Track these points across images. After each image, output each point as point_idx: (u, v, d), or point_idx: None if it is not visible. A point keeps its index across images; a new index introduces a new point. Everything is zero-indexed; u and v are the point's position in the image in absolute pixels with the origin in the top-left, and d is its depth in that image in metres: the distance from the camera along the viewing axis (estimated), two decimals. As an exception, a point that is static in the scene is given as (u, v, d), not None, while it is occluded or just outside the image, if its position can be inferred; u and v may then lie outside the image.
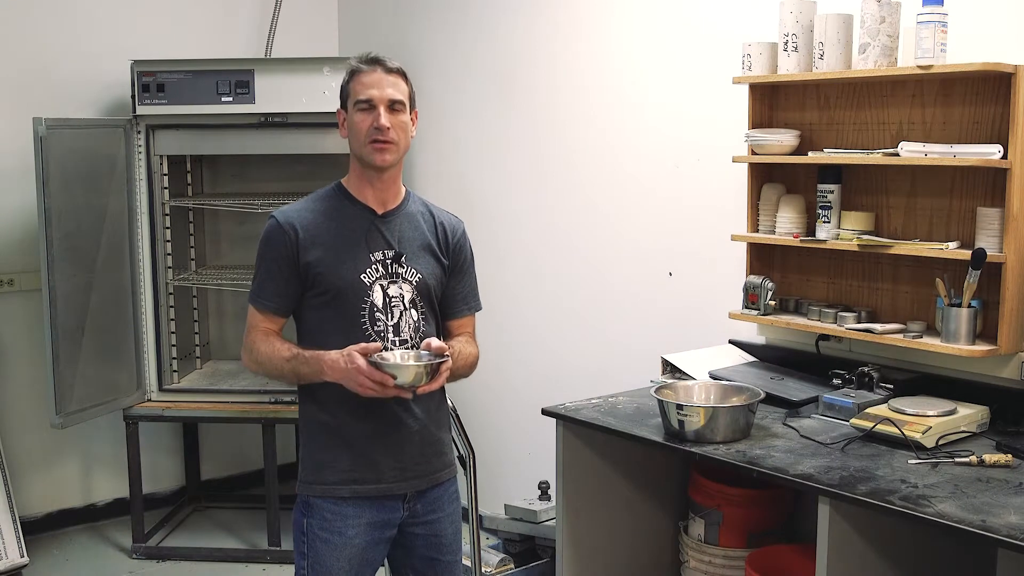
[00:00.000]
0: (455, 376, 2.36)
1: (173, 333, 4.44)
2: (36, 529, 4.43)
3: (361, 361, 2.17)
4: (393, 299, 2.32)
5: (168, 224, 4.36)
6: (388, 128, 2.27)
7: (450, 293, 2.45)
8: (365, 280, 2.30)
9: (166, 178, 4.34)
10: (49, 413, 3.92)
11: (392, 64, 2.32)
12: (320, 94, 4.05)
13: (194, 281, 4.58)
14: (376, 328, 2.30)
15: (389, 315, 2.32)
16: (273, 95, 4.11)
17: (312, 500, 2.35)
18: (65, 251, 3.92)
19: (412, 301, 2.35)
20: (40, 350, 3.98)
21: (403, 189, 2.43)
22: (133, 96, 4.16)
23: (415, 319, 2.35)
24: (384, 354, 2.23)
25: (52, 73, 4.37)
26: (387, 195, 2.37)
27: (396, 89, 2.30)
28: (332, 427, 2.34)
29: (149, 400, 4.32)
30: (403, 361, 2.26)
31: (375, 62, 2.30)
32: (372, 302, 2.30)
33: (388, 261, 2.33)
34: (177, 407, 4.31)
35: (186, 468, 4.83)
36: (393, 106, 2.29)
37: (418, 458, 2.38)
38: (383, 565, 2.50)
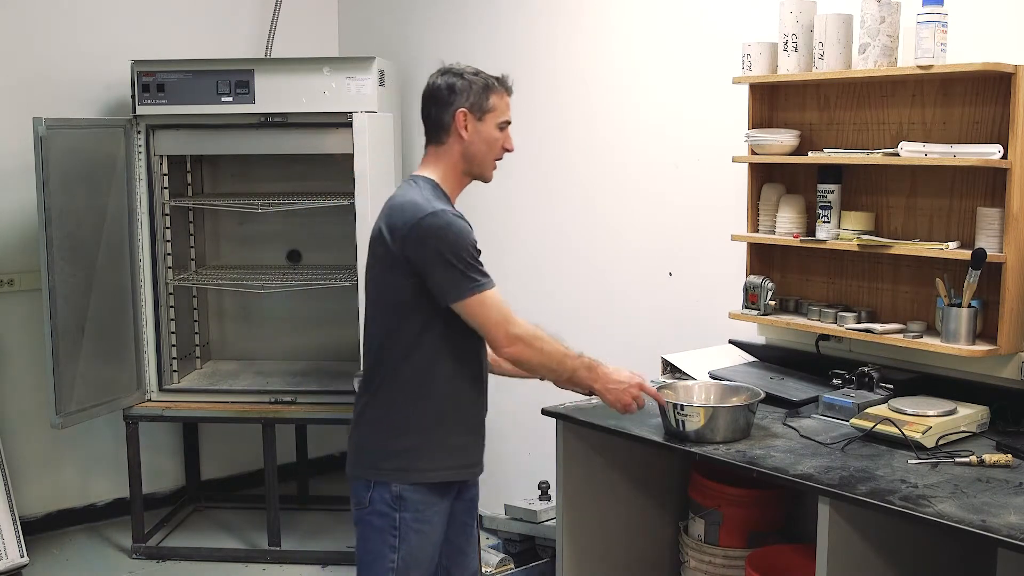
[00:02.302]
0: None
1: (173, 333, 4.44)
2: (36, 529, 4.43)
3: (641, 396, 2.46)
4: None
5: (168, 224, 4.36)
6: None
7: None
8: None
9: (166, 178, 4.34)
10: (49, 413, 3.92)
11: None
12: (320, 94, 4.05)
13: (194, 281, 4.58)
14: None
15: None
16: (273, 95, 4.11)
17: (404, 492, 2.39)
18: (65, 251, 3.92)
19: None
20: (40, 350, 3.98)
21: None
22: (133, 96, 4.16)
23: None
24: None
25: (52, 73, 4.37)
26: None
27: None
28: (431, 416, 2.40)
29: (149, 400, 4.32)
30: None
31: (509, 86, 2.47)
32: None
33: None
34: (177, 407, 4.31)
35: (186, 468, 4.83)
36: None
37: (482, 440, 2.55)
38: None
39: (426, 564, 2.46)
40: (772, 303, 3.11)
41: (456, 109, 2.39)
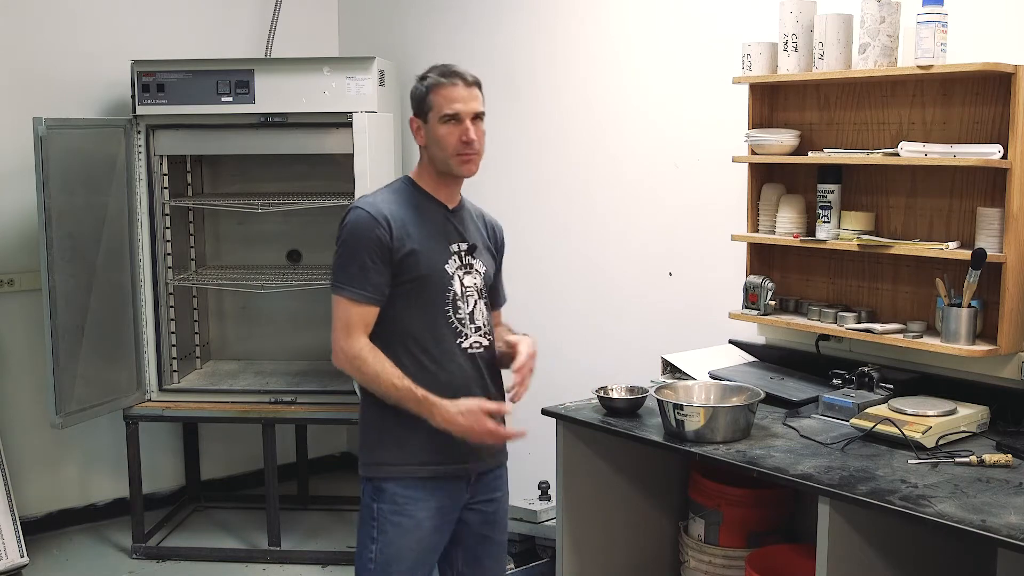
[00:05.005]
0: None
1: (173, 333, 4.44)
2: (36, 529, 4.43)
3: (492, 424, 2.35)
4: (468, 288, 2.46)
5: (168, 224, 4.36)
6: (475, 141, 2.40)
7: (492, 288, 2.60)
8: (448, 270, 2.43)
9: (166, 178, 4.34)
10: (49, 413, 3.92)
11: (470, 77, 2.44)
12: (320, 94, 4.05)
13: (194, 281, 4.58)
14: (457, 316, 2.44)
15: (465, 303, 2.45)
16: (273, 95, 4.11)
17: (383, 484, 2.42)
18: (65, 251, 3.91)
19: (481, 291, 2.50)
20: (40, 350, 3.98)
21: None
22: (133, 96, 4.16)
23: (484, 309, 2.50)
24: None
25: (52, 73, 4.37)
26: (454, 193, 2.52)
27: (478, 102, 2.43)
28: (389, 412, 2.39)
29: (149, 400, 4.32)
30: None
31: (455, 75, 2.40)
32: (453, 291, 2.43)
33: (462, 252, 2.47)
34: (177, 407, 4.31)
35: (186, 468, 4.83)
36: (476, 118, 2.42)
37: (457, 440, 2.47)
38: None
39: (409, 560, 2.43)
40: (772, 303, 3.11)
41: (410, 117, 2.47)
